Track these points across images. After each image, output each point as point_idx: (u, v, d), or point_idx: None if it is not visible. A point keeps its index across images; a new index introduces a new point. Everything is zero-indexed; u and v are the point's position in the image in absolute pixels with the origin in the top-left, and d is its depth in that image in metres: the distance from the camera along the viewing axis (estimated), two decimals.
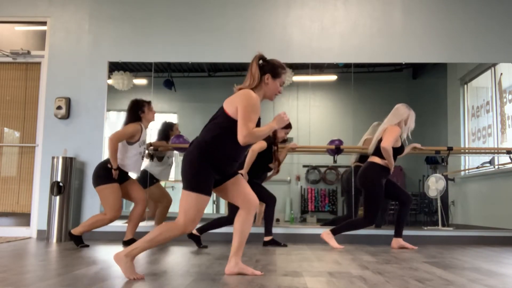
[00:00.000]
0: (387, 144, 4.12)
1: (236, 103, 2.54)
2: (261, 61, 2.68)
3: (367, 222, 4.22)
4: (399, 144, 4.25)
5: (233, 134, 2.53)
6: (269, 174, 4.63)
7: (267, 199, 4.35)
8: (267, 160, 4.35)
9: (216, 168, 2.57)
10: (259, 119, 2.67)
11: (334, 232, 4.30)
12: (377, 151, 4.24)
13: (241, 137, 2.50)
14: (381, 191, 4.22)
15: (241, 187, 2.69)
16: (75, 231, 4.07)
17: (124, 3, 5.24)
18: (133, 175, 4.43)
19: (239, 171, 4.14)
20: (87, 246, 4.10)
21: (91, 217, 4.11)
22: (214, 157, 2.54)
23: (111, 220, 4.06)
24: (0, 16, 5.27)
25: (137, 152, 4.19)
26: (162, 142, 5.06)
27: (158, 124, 5.07)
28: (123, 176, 4.19)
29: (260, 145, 4.23)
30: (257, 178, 4.36)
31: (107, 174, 4.05)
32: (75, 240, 4.07)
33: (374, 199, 4.21)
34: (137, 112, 4.23)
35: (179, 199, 2.57)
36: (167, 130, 5.13)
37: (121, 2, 5.24)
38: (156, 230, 2.51)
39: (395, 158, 4.24)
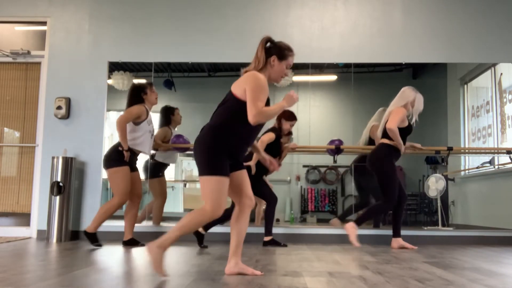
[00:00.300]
0: (393, 125, 4.13)
1: (243, 85, 2.56)
2: (268, 44, 2.71)
3: (388, 204, 4.20)
4: (406, 124, 4.26)
5: (243, 116, 2.53)
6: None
7: (269, 198, 4.34)
8: (275, 153, 4.32)
9: (229, 152, 2.56)
10: (268, 100, 2.67)
11: (358, 223, 4.19)
12: (385, 134, 4.26)
13: (251, 117, 2.50)
14: (393, 169, 4.21)
15: (242, 184, 2.69)
16: (89, 228, 4.08)
17: (124, 3, 5.24)
18: (141, 165, 4.43)
19: (247, 163, 4.14)
20: (100, 245, 4.10)
21: (99, 209, 4.12)
22: (226, 140, 2.54)
23: (120, 204, 4.08)
24: (0, 16, 5.27)
25: (146, 130, 4.23)
26: (164, 130, 5.08)
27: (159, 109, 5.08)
28: (132, 164, 4.22)
29: (269, 136, 4.22)
30: (263, 171, 4.32)
31: (119, 157, 4.07)
32: (90, 238, 4.08)
33: (388, 178, 4.20)
34: (140, 94, 4.25)
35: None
36: (168, 115, 5.15)
37: (121, 2, 5.24)
38: (186, 217, 2.52)
39: (404, 139, 4.26)
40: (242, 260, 2.84)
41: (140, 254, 3.66)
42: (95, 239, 4.07)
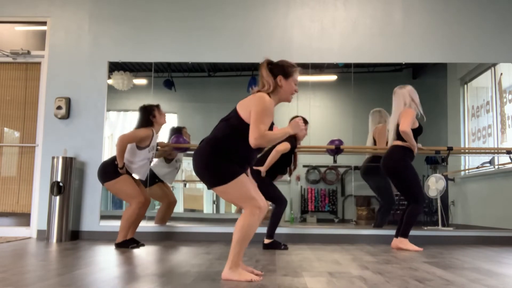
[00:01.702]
0: (405, 127, 4.11)
1: (250, 107, 2.51)
2: (269, 66, 2.66)
3: (420, 204, 4.16)
4: (416, 125, 4.25)
5: (245, 136, 2.49)
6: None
7: (277, 200, 4.20)
8: (287, 162, 4.27)
9: (231, 162, 2.53)
10: (272, 124, 2.64)
11: (404, 235, 4.16)
12: (398, 136, 4.24)
13: (252, 139, 2.45)
14: (411, 168, 4.19)
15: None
16: (118, 239, 4.07)
17: (124, 3, 5.24)
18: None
19: (258, 167, 4.13)
20: (140, 244, 4.11)
21: (122, 219, 4.07)
22: (225, 155, 2.50)
23: (138, 207, 4.04)
24: (0, 16, 5.27)
25: (145, 157, 4.18)
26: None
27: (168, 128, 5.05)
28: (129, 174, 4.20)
29: (285, 146, 4.13)
30: (272, 178, 4.30)
31: (114, 169, 4.04)
32: (123, 246, 4.05)
33: (410, 179, 4.18)
34: (148, 117, 4.20)
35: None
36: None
37: (121, 2, 5.24)
38: (237, 228, 2.50)
39: (416, 140, 4.25)
40: (242, 260, 2.84)
41: (140, 254, 3.66)
42: (128, 243, 4.05)
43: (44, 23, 5.25)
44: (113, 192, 4.13)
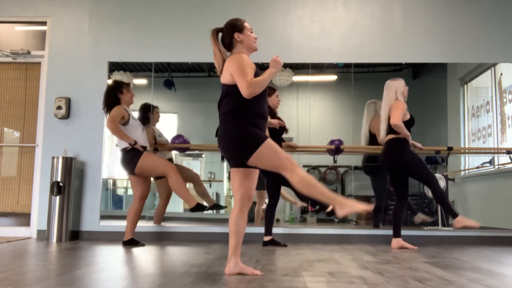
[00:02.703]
0: (396, 120, 4.14)
1: (228, 71, 2.63)
2: (219, 33, 2.81)
3: (436, 183, 4.19)
4: (408, 117, 4.27)
5: (242, 96, 2.57)
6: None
7: (271, 196, 4.31)
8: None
9: (252, 128, 2.60)
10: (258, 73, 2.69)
11: (451, 213, 4.17)
12: (390, 130, 4.27)
13: (243, 90, 2.53)
14: (413, 155, 4.23)
15: (248, 183, 2.72)
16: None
17: (124, 3, 5.24)
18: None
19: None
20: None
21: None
22: (245, 121, 2.59)
23: (177, 175, 4.07)
24: (0, 16, 5.27)
25: (135, 126, 4.23)
26: (148, 131, 5.07)
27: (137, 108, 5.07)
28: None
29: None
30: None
31: (133, 154, 4.09)
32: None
33: (417, 166, 4.20)
34: (115, 93, 4.25)
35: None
36: (146, 113, 5.11)
37: (121, 2, 5.24)
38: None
39: (409, 131, 4.27)
40: (242, 260, 2.84)
41: (140, 254, 3.66)
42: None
43: (44, 23, 5.25)
44: (147, 173, 4.15)
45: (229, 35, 2.77)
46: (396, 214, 4.31)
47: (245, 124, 2.58)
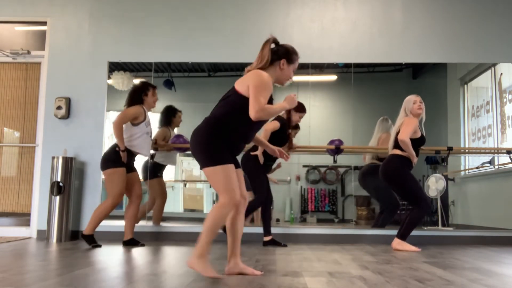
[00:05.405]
0: (404, 136, 4.08)
1: (247, 82, 2.55)
2: (273, 45, 2.69)
3: (422, 208, 4.12)
4: (418, 135, 4.20)
5: (244, 112, 2.51)
6: (273, 166, 4.59)
7: (258, 193, 4.19)
8: (280, 142, 4.22)
9: (225, 146, 2.54)
10: (272, 99, 2.67)
11: (403, 237, 4.14)
12: (397, 144, 4.20)
13: (253, 112, 2.48)
14: (409, 175, 4.16)
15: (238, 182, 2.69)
16: (86, 231, 4.07)
17: (124, 3, 5.24)
18: (140, 165, 4.41)
19: (254, 153, 4.13)
20: (99, 246, 4.09)
21: (94, 212, 4.10)
22: (224, 134, 2.52)
23: (114, 206, 4.05)
24: (0, 16, 5.27)
25: (143, 131, 4.21)
26: (164, 130, 5.10)
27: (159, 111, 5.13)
28: (130, 165, 4.22)
29: (274, 125, 4.16)
30: (270, 160, 4.28)
31: (116, 158, 4.07)
32: (88, 240, 4.07)
33: (408, 185, 4.15)
34: (140, 94, 4.25)
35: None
36: (169, 116, 5.16)
37: (121, 2, 5.24)
38: (208, 217, 2.49)
39: (417, 151, 4.20)
40: (242, 260, 2.84)
41: (140, 254, 3.66)
42: (92, 240, 4.06)
43: (44, 23, 5.25)
44: (106, 180, 4.12)
45: (279, 55, 2.67)
46: (412, 218, 4.18)
47: (220, 139, 2.52)
